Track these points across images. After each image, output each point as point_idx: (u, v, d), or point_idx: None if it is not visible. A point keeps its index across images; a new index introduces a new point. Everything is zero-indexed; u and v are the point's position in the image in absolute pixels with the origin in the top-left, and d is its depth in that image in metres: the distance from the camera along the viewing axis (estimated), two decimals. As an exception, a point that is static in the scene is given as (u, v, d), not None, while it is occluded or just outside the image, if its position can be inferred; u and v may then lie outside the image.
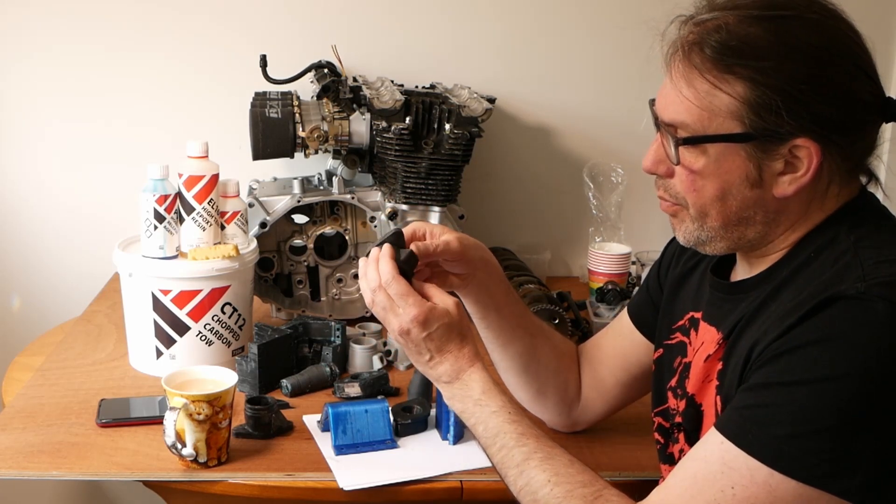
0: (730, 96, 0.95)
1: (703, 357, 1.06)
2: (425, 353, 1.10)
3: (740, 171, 0.97)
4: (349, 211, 1.77)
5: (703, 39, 0.96)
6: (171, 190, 1.49)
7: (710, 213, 1.01)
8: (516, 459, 1.03)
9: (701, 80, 0.96)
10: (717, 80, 0.95)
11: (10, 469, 1.23)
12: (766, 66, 0.93)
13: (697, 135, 0.98)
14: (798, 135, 0.94)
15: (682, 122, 0.98)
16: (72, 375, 1.51)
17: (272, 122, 1.69)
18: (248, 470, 1.24)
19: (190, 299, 1.48)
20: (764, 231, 1.01)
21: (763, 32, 0.94)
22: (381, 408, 1.33)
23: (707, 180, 0.99)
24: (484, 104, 1.73)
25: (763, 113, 0.94)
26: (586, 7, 2.04)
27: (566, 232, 2.13)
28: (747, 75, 0.94)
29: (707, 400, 1.05)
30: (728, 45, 0.94)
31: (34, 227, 2.06)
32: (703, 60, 0.96)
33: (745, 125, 0.95)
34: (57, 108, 2.00)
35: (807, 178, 0.96)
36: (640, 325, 1.28)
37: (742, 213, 1.00)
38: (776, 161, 0.96)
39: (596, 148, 2.08)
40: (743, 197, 0.99)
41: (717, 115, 0.96)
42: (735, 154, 0.97)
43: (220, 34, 1.98)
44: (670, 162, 1.01)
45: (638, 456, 1.31)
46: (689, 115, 0.98)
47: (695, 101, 0.97)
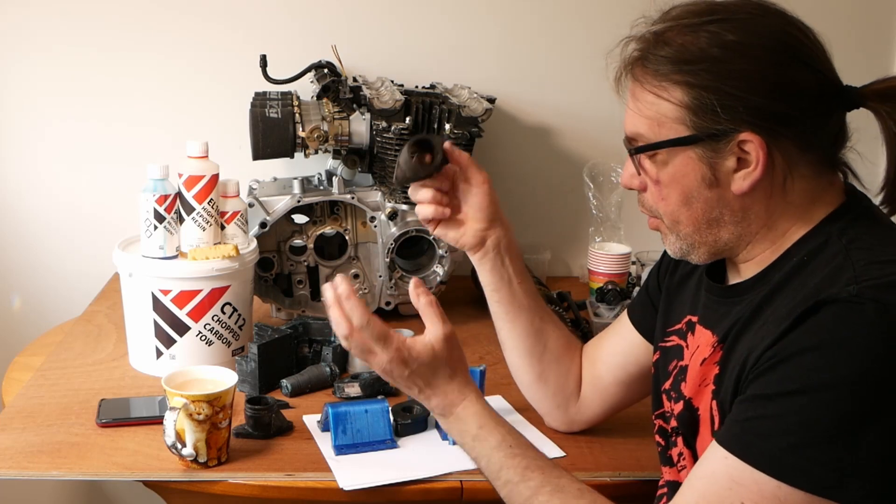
0: (671, 103, 1.00)
1: (699, 360, 1.07)
2: (413, 388, 1.10)
3: (696, 174, 1.01)
4: (349, 211, 1.77)
5: (644, 54, 1.02)
6: (171, 190, 1.49)
7: (681, 220, 1.05)
8: (524, 495, 1.04)
9: (644, 92, 1.02)
10: (657, 89, 1.00)
11: (10, 469, 1.23)
12: (698, 69, 0.98)
13: (648, 143, 1.03)
14: (739, 130, 0.97)
15: (638, 133, 1.04)
16: (72, 375, 1.51)
17: (272, 122, 1.69)
18: (248, 470, 1.24)
19: (190, 299, 1.48)
20: (738, 232, 1.03)
21: (695, 39, 0.98)
22: (381, 408, 1.33)
23: (670, 188, 1.03)
24: (484, 104, 1.73)
25: (702, 114, 0.98)
26: (586, 7, 2.04)
27: (566, 232, 2.13)
28: (683, 80, 0.98)
29: (703, 404, 1.05)
30: (663, 55, 1.00)
31: (34, 227, 2.06)
32: (645, 73, 1.02)
33: (690, 128, 0.99)
34: (57, 108, 2.00)
35: (758, 171, 0.98)
36: (639, 326, 1.28)
37: (709, 215, 1.03)
38: (727, 159, 0.99)
39: (596, 148, 2.08)
40: (705, 199, 1.02)
41: (664, 123, 1.01)
42: (688, 158, 1.01)
43: (221, 34, 1.99)
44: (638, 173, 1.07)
45: (638, 456, 1.31)
46: (642, 126, 1.03)
47: (643, 113, 1.03)
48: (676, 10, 1.03)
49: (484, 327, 1.78)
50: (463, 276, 1.94)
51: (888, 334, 0.87)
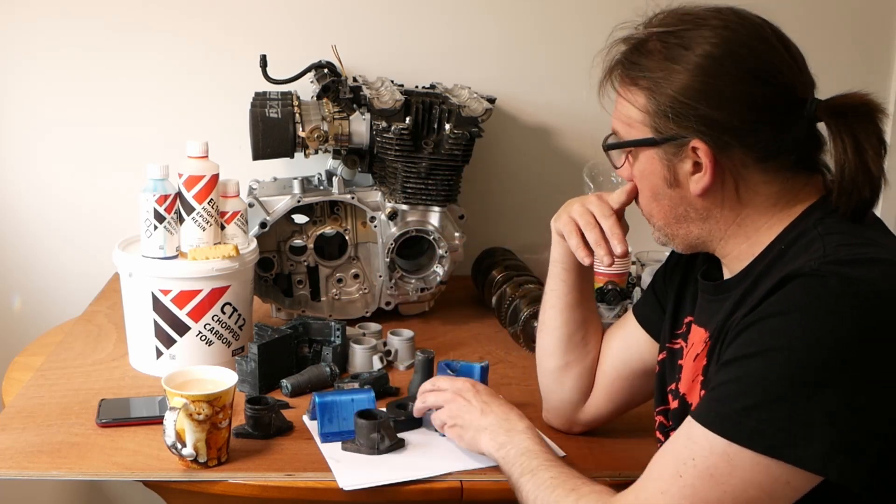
0: (635, 107, 1.07)
1: (693, 357, 1.11)
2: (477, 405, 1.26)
3: (658, 174, 1.08)
4: (349, 211, 1.77)
5: (619, 58, 1.09)
6: (171, 190, 1.49)
7: (653, 214, 1.13)
8: None
9: (618, 95, 1.10)
10: (627, 92, 1.08)
11: (10, 469, 1.23)
12: (658, 77, 1.04)
13: (617, 141, 1.12)
14: (691, 137, 1.03)
15: (616, 131, 1.12)
16: (72, 375, 1.51)
17: (272, 122, 1.69)
18: (248, 470, 1.24)
19: (190, 299, 1.48)
20: (707, 228, 1.09)
21: (661, 47, 1.05)
22: (367, 397, 1.34)
23: (641, 184, 1.12)
24: (484, 104, 1.73)
25: (658, 119, 1.05)
26: (586, 7, 2.03)
27: (566, 232, 2.13)
28: (645, 86, 1.05)
29: (695, 398, 1.08)
30: (633, 61, 1.07)
31: (34, 227, 2.06)
32: (620, 76, 1.09)
33: (652, 131, 1.06)
34: (57, 109, 2.00)
35: (707, 177, 1.04)
36: (645, 325, 1.29)
37: (676, 211, 1.09)
38: (684, 162, 1.05)
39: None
40: (669, 197, 1.09)
41: (633, 124, 1.08)
42: (651, 158, 1.08)
43: (220, 35, 1.98)
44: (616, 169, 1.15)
45: (638, 456, 1.30)
46: (618, 126, 1.11)
47: (618, 114, 1.10)
48: (659, 16, 1.08)
49: (484, 327, 1.78)
50: (463, 276, 1.94)
51: (850, 304, 0.90)
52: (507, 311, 1.70)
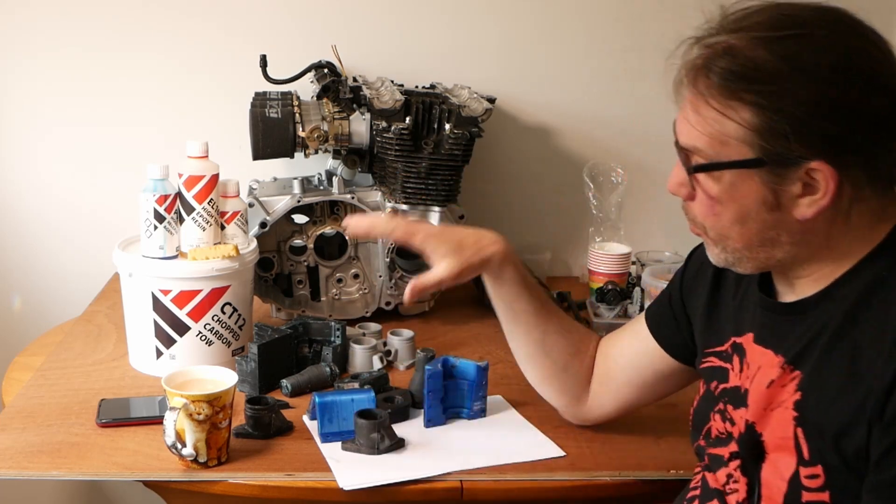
0: (737, 123, 0.94)
1: (764, 383, 1.01)
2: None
3: (756, 196, 0.96)
4: (349, 211, 1.77)
5: (710, 64, 0.95)
6: (171, 190, 1.49)
7: (731, 237, 1.00)
8: None
9: (707, 108, 0.95)
10: (723, 106, 0.94)
11: (10, 469, 1.23)
12: (772, 91, 0.91)
13: (709, 162, 0.97)
14: (810, 158, 0.92)
15: (696, 147, 0.98)
16: (72, 375, 1.51)
17: (272, 122, 1.69)
18: (248, 470, 1.24)
19: (190, 299, 1.48)
20: (794, 252, 0.99)
21: (769, 55, 0.92)
22: (367, 397, 1.34)
23: (724, 206, 0.98)
24: (484, 104, 1.73)
25: (772, 139, 0.92)
26: (586, 7, 2.03)
27: (566, 232, 2.13)
28: (753, 101, 0.92)
29: (771, 429, 1.00)
30: (733, 70, 0.93)
31: (34, 227, 2.06)
32: (709, 87, 0.95)
33: (756, 151, 0.94)
34: (57, 109, 2.00)
35: (825, 200, 0.94)
36: (657, 334, 1.26)
37: (764, 235, 0.98)
38: (793, 185, 0.94)
39: (596, 148, 2.08)
40: (762, 220, 0.97)
41: (727, 141, 0.95)
42: (750, 179, 0.96)
43: (221, 35, 1.99)
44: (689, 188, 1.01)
45: (638, 456, 1.31)
46: (702, 141, 0.97)
47: (704, 129, 0.96)
48: (750, 17, 0.95)
49: (484, 327, 1.78)
50: (463, 276, 1.94)
51: None
52: (507, 311, 1.70)
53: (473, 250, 1.25)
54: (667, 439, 1.35)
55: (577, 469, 1.27)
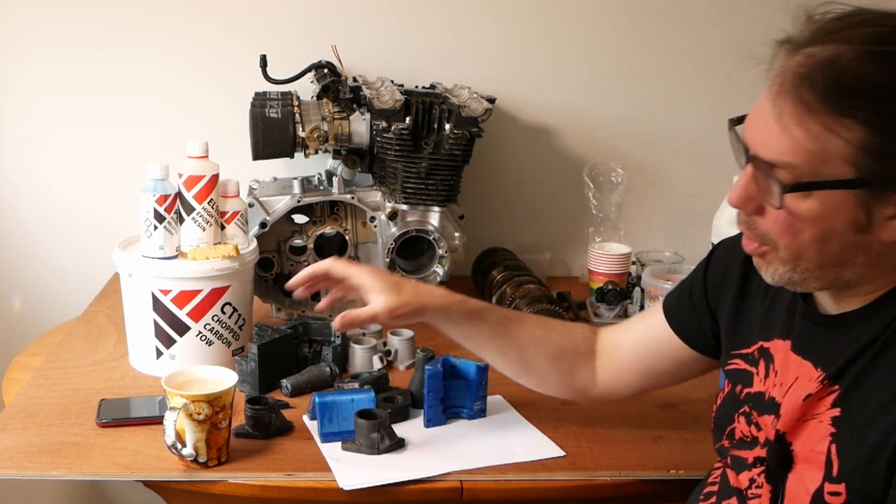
0: (845, 141, 0.88)
1: (801, 395, 0.99)
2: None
3: (847, 217, 0.91)
4: (349, 211, 1.77)
5: (814, 74, 0.89)
6: (171, 190, 1.49)
7: (806, 256, 0.95)
8: None
9: (813, 122, 0.89)
10: (832, 122, 0.88)
11: (10, 469, 1.23)
12: (886, 110, 0.87)
13: (807, 180, 0.90)
14: None
15: (789, 163, 0.90)
16: (72, 375, 1.51)
17: (272, 122, 1.69)
18: (248, 470, 1.24)
19: (190, 299, 1.48)
20: (864, 273, 0.95)
21: (882, 70, 0.87)
22: (367, 397, 1.34)
23: (807, 224, 0.92)
24: (484, 104, 1.73)
25: (881, 159, 0.88)
26: (586, 7, 2.03)
27: (566, 232, 2.13)
28: (865, 119, 0.87)
29: (803, 441, 0.98)
30: (844, 84, 0.88)
31: (34, 227, 2.06)
32: (817, 100, 0.88)
33: (860, 171, 0.88)
34: (57, 109, 2.00)
35: None
36: (677, 327, 1.26)
37: (842, 256, 0.94)
38: (887, 206, 0.90)
39: (596, 148, 2.08)
40: (846, 241, 0.93)
41: (828, 159, 0.89)
42: (844, 199, 0.90)
43: (220, 35, 1.99)
44: (769, 203, 0.94)
45: (638, 456, 1.31)
46: (798, 157, 0.90)
47: (805, 144, 0.89)
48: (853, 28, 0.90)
49: (484, 327, 1.78)
50: (463, 276, 1.94)
51: None
52: (507, 311, 1.70)
53: (413, 294, 1.27)
54: (667, 439, 1.35)
55: (577, 469, 1.27)
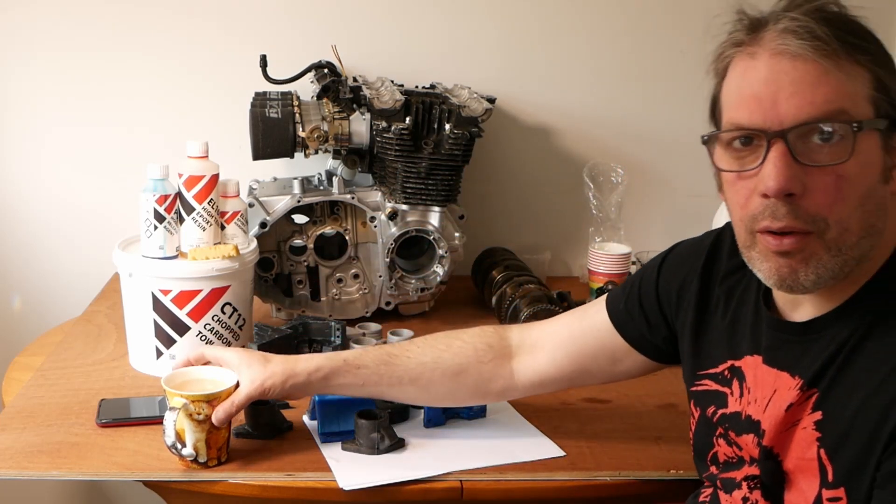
0: (862, 78, 0.89)
1: (783, 406, 0.97)
2: None
3: (879, 166, 0.90)
4: (349, 211, 1.77)
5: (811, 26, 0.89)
6: (171, 190, 1.49)
7: (852, 227, 0.90)
8: None
9: (843, 62, 0.88)
10: (851, 62, 0.88)
11: (10, 469, 1.23)
12: (876, 48, 0.90)
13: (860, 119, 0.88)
14: None
15: (840, 109, 0.88)
16: (72, 375, 1.51)
17: (272, 122, 1.69)
18: (248, 470, 1.24)
19: (190, 299, 1.48)
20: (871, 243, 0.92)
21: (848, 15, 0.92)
22: None
23: (852, 184, 0.89)
24: (484, 104, 1.73)
25: (889, 94, 0.89)
26: (586, 7, 2.03)
27: (566, 232, 2.13)
28: (867, 57, 0.89)
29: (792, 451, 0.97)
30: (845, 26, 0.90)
31: (34, 227, 2.06)
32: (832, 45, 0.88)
33: (878, 109, 0.89)
34: (57, 109, 2.00)
35: None
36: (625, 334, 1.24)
37: (871, 219, 0.91)
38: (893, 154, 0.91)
39: (596, 148, 2.08)
40: (878, 198, 0.90)
41: (859, 99, 0.89)
42: (875, 145, 0.89)
43: (220, 35, 1.99)
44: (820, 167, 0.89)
45: (638, 456, 1.31)
46: (845, 100, 0.88)
47: (847, 86, 0.88)
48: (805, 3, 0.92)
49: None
50: (463, 276, 1.94)
51: None
52: (507, 311, 1.70)
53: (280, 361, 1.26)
54: (667, 439, 1.35)
55: (577, 469, 1.27)
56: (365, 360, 1.28)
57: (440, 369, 1.28)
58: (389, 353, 1.30)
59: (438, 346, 1.31)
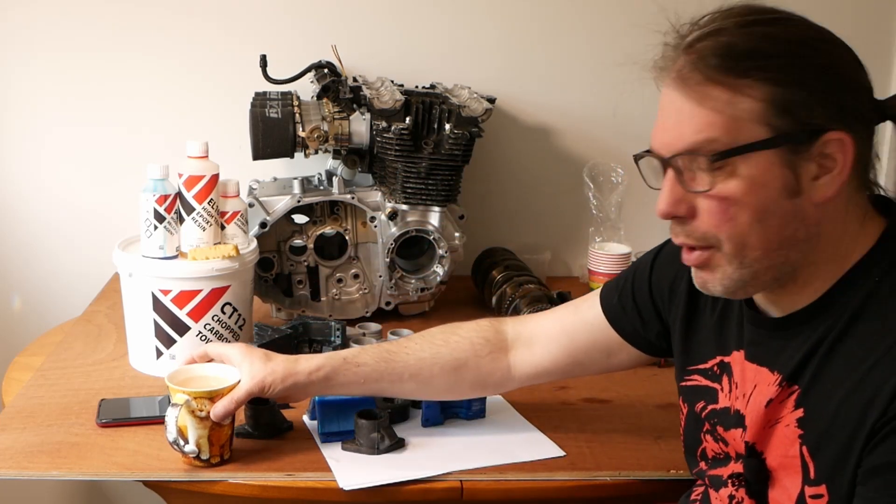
0: (752, 101, 0.89)
1: (763, 402, 0.99)
2: None
3: (777, 183, 0.91)
4: (349, 211, 1.77)
5: (705, 54, 0.91)
6: (171, 190, 1.49)
7: (749, 242, 0.93)
8: None
9: (718, 91, 0.90)
10: (734, 87, 0.90)
11: (10, 469, 1.23)
12: (784, 64, 0.90)
13: (728, 148, 0.90)
14: (829, 128, 0.89)
15: (707, 139, 0.91)
16: (72, 375, 1.51)
17: (272, 122, 1.69)
18: (249, 470, 1.24)
19: (190, 299, 1.48)
20: (807, 249, 0.94)
21: (767, 30, 0.91)
22: (367, 397, 1.33)
23: (740, 205, 0.92)
24: (484, 104, 1.73)
25: (789, 111, 0.89)
26: (586, 7, 2.04)
27: (566, 232, 2.14)
28: (764, 76, 0.89)
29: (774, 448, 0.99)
30: (736, 48, 0.90)
31: (34, 227, 2.06)
32: (715, 71, 0.91)
33: (772, 129, 0.90)
34: (57, 109, 2.00)
35: (844, 174, 0.90)
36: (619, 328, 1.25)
37: (784, 233, 0.93)
38: (811, 162, 0.90)
39: (596, 148, 2.08)
40: (783, 213, 0.92)
41: (742, 124, 0.90)
42: (769, 164, 0.90)
43: (220, 35, 1.99)
44: (698, 192, 0.93)
45: (638, 456, 1.31)
46: (714, 129, 0.91)
47: (717, 115, 0.91)
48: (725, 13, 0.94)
49: (484, 327, 1.78)
50: (463, 276, 1.94)
51: None
52: (507, 311, 1.70)
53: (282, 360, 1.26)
54: (667, 439, 1.35)
55: (577, 469, 1.27)
56: (364, 357, 1.28)
57: (439, 364, 1.29)
58: (388, 350, 1.30)
59: (436, 342, 1.32)
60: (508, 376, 1.31)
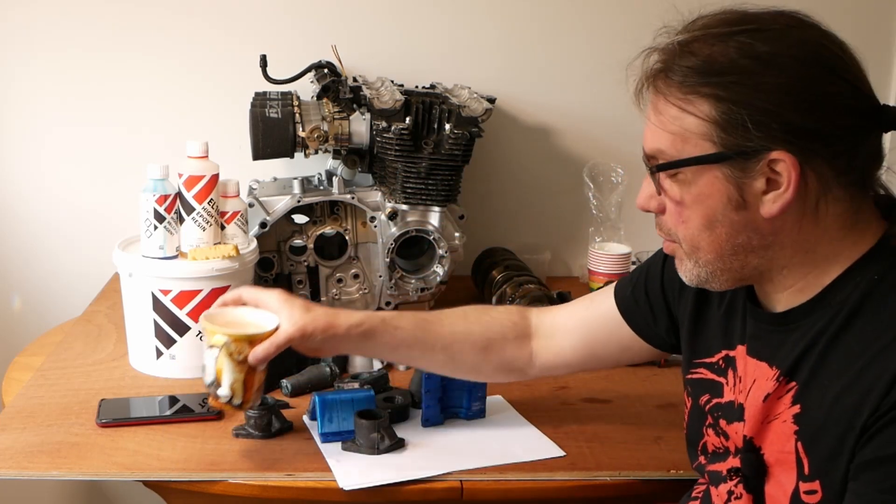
0: (696, 117, 0.93)
1: (761, 397, 1.00)
2: None
3: (721, 195, 0.95)
4: (349, 211, 1.77)
5: (668, 66, 0.96)
6: (171, 190, 1.49)
7: (701, 246, 0.99)
8: None
9: (667, 105, 0.96)
10: (682, 102, 0.94)
11: (10, 469, 1.23)
12: (728, 82, 0.92)
13: (671, 160, 0.97)
14: (772, 148, 0.91)
15: (659, 150, 0.98)
16: (72, 375, 1.51)
17: (272, 122, 1.69)
18: (248, 470, 1.24)
19: (190, 299, 1.48)
20: (769, 256, 0.97)
21: (724, 49, 0.93)
22: (367, 397, 1.34)
23: (691, 210, 0.97)
24: (484, 104, 1.73)
25: (731, 129, 0.92)
26: (586, 7, 2.04)
27: (566, 232, 2.14)
28: (711, 93, 0.92)
29: (771, 443, 0.99)
30: (690, 66, 0.94)
31: (34, 227, 2.06)
32: (668, 85, 0.96)
33: (717, 145, 0.93)
34: (57, 109, 2.00)
35: (790, 193, 0.92)
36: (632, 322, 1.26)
37: (734, 241, 0.97)
38: (756, 179, 0.93)
39: (596, 148, 2.08)
40: (730, 222, 0.96)
41: (689, 138, 0.95)
42: (713, 177, 0.95)
43: (220, 35, 1.99)
44: (662, 193, 1.00)
45: (638, 456, 1.31)
46: (664, 142, 0.97)
47: (665, 128, 0.96)
48: (703, 19, 0.97)
49: (484, 327, 1.78)
50: (463, 276, 1.94)
51: None
52: (507, 311, 1.70)
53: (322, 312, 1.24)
54: (667, 439, 1.35)
55: (577, 469, 1.27)
56: (402, 322, 1.29)
57: (470, 341, 1.30)
58: (425, 318, 1.31)
59: (469, 319, 1.33)
60: (530, 363, 1.32)
